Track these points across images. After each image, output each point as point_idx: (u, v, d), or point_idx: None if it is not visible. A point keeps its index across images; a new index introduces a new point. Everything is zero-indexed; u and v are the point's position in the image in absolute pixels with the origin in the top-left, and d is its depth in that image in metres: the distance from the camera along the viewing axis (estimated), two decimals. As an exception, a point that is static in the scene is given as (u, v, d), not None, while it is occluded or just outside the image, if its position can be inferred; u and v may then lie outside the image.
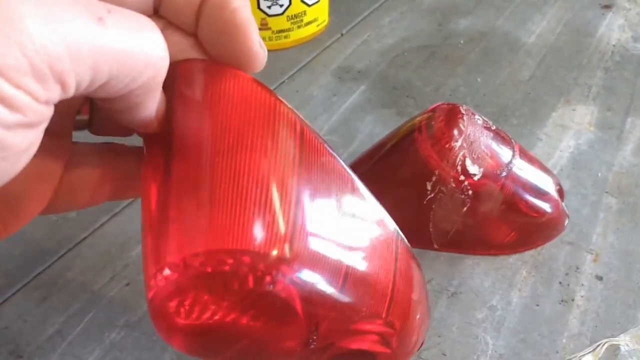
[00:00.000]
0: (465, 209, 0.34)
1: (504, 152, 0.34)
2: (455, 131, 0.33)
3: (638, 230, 0.38)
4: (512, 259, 0.36)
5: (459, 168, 0.33)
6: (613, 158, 0.43)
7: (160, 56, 0.18)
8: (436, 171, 0.33)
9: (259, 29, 0.52)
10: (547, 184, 0.36)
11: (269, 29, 0.53)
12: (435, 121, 0.33)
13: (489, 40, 0.56)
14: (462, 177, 0.33)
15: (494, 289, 0.35)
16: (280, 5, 0.52)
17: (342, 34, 0.57)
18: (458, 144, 0.33)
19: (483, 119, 0.35)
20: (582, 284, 0.35)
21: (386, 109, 0.48)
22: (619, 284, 0.35)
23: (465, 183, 0.33)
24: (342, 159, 0.23)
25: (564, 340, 0.32)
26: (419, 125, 0.34)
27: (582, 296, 0.34)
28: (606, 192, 0.41)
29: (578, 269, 0.36)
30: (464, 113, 0.34)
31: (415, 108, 0.48)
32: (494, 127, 0.35)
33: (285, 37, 0.54)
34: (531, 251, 0.37)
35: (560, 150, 0.44)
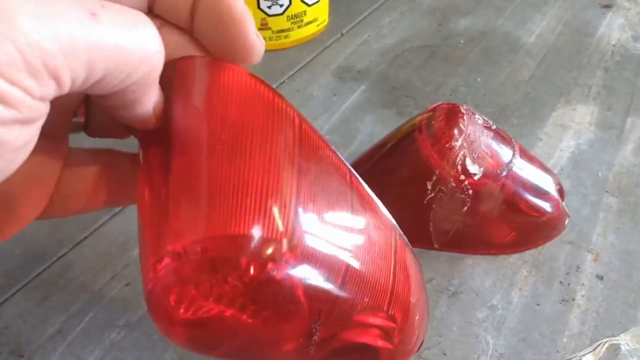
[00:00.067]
0: (466, 208, 0.34)
1: (504, 152, 0.34)
2: (456, 131, 0.33)
3: (638, 229, 0.38)
4: (513, 258, 0.36)
5: (459, 167, 0.33)
6: (613, 158, 0.43)
7: (155, 51, 0.18)
8: (436, 171, 0.33)
9: (259, 29, 0.53)
10: (548, 184, 0.36)
11: (269, 28, 0.53)
12: (435, 121, 0.34)
13: (489, 40, 0.56)
14: (463, 177, 0.33)
15: (494, 288, 0.35)
16: (280, 5, 0.52)
17: (342, 34, 0.57)
18: (458, 144, 0.33)
19: (483, 119, 0.35)
20: (583, 284, 0.35)
21: (386, 108, 0.48)
22: (619, 284, 0.35)
23: (466, 182, 0.33)
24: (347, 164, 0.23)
25: (565, 339, 0.32)
26: (419, 125, 0.34)
27: (583, 296, 0.34)
28: (606, 192, 0.41)
29: (578, 268, 0.36)
30: (464, 112, 0.34)
31: (416, 108, 0.48)
32: (494, 127, 0.35)
33: (285, 37, 0.54)
34: (532, 251, 0.37)
35: (561, 150, 0.44)
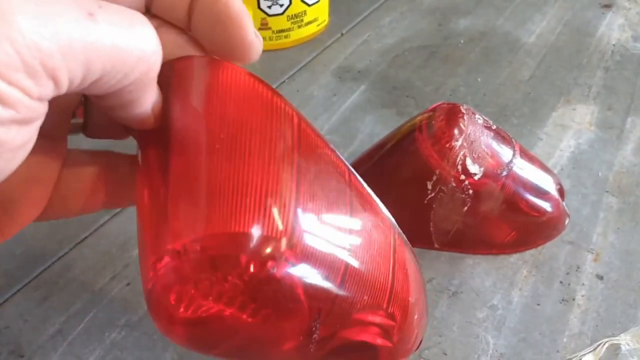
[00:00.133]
0: (466, 208, 0.34)
1: (504, 152, 0.34)
2: (456, 130, 0.33)
3: (638, 229, 0.38)
4: (513, 258, 0.36)
5: (459, 167, 0.33)
6: (613, 157, 0.43)
7: (152, 51, 0.18)
8: (437, 171, 0.33)
9: (260, 29, 0.53)
10: (548, 184, 0.36)
11: (269, 28, 0.53)
12: (435, 120, 0.34)
13: (489, 40, 0.56)
14: (463, 177, 0.33)
15: (494, 288, 0.35)
16: (281, 5, 0.52)
17: (342, 34, 0.57)
18: (458, 144, 0.33)
19: (483, 119, 0.35)
20: (583, 284, 0.35)
21: (386, 108, 0.48)
22: (619, 284, 0.35)
23: (466, 182, 0.33)
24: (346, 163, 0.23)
25: (565, 339, 0.32)
26: (420, 125, 0.34)
27: (583, 295, 0.34)
28: (607, 192, 0.41)
29: (579, 268, 0.36)
30: (464, 112, 0.34)
31: (416, 108, 0.48)
32: (494, 127, 0.35)
33: (285, 37, 0.54)
34: (532, 250, 0.37)
35: (561, 150, 0.44)
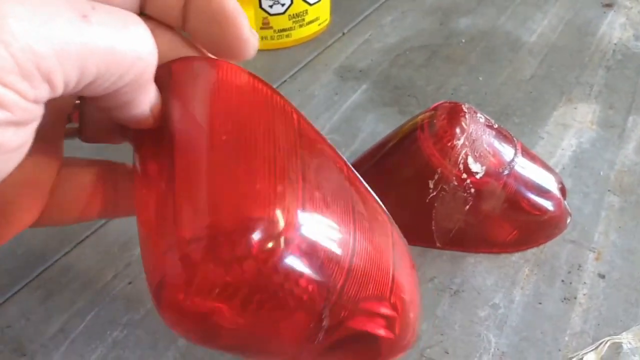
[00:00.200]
0: (468, 207, 0.34)
1: (506, 151, 0.34)
2: (458, 129, 0.33)
3: (640, 228, 0.38)
4: (515, 257, 0.36)
5: (461, 166, 0.33)
6: (615, 156, 0.43)
7: (148, 52, 0.18)
8: (438, 169, 0.33)
9: (261, 28, 0.53)
10: (550, 182, 0.36)
11: (271, 28, 0.53)
12: (437, 119, 0.34)
13: (491, 40, 0.56)
14: (465, 176, 0.33)
15: (496, 287, 0.35)
16: (282, 5, 0.52)
17: (344, 33, 0.57)
18: (460, 142, 0.33)
19: (485, 117, 0.35)
20: (585, 282, 0.35)
21: (388, 107, 0.48)
22: (621, 282, 0.35)
23: (468, 181, 0.33)
24: (344, 158, 0.24)
25: (567, 338, 0.32)
26: (421, 124, 0.34)
27: (585, 294, 0.34)
28: (608, 191, 0.41)
29: (580, 267, 0.36)
30: (466, 111, 0.34)
31: (417, 107, 0.48)
32: (496, 126, 0.35)
33: (286, 36, 0.54)
34: (533, 249, 0.37)
35: (562, 149, 0.44)
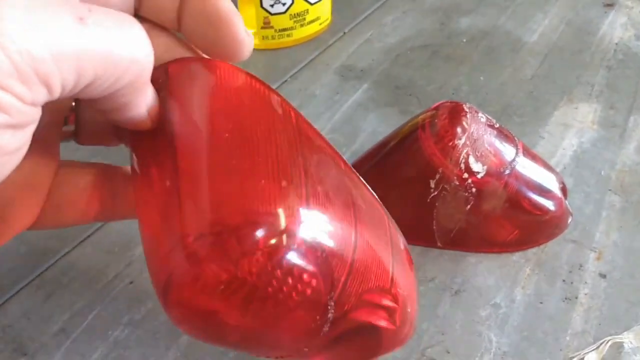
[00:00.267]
0: (469, 207, 0.34)
1: (507, 150, 0.34)
2: (459, 129, 0.33)
3: (641, 228, 0.38)
4: (516, 256, 0.36)
5: (462, 166, 0.33)
6: (616, 156, 0.43)
7: (144, 53, 0.18)
8: (439, 169, 0.33)
9: (262, 28, 0.53)
10: (551, 182, 0.36)
11: (272, 27, 0.53)
12: (438, 119, 0.34)
13: (491, 39, 0.56)
14: (466, 175, 0.33)
15: (497, 286, 0.35)
16: (283, 4, 0.52)
17: (345, 33, 0.57)
18: (461, 142, 0.33)
19: (486, 117, 0.35)
20: (586, 282, 0.35)
21: (389, 107, 0.48)
22: (622, 282, 0.35)
23: (469, 181, 0.33)
24: (345, 158, 0.24)
25: (568, 338, 0.32)
26: (423, 123, 0.34)
27: (586, 294, 0.34)
28: (609, 190, 0.41)
29: (581, 266, 0.36)
30: (467, 111, 0.34)
31: (418, 107, 0.48)
32: (497, 125, 0.35)
33: (287, 36, 0.54)
34: (534, 249, 0.37)
35: (563, 149, 0.44)
